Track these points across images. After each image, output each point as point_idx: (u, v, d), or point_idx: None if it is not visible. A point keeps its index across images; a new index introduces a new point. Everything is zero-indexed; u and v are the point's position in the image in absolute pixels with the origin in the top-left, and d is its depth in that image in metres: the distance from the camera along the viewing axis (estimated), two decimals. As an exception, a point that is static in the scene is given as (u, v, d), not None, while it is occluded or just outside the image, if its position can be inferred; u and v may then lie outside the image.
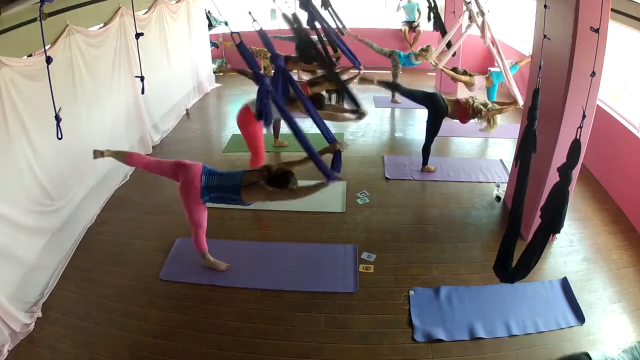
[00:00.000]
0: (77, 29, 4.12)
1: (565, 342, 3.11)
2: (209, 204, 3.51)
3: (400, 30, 9.39)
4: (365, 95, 8.04)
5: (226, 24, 3.59)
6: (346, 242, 4.16)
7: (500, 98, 6.56)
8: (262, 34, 2.95)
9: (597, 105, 4.10)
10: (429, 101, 5.09)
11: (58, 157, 3.92)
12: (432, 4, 6.67)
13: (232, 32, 2.75)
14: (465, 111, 5.03)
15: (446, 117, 5.12)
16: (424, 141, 5.28)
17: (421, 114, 7.28)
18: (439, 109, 5.02)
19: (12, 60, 3.24)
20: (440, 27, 6.77)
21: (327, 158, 3.40)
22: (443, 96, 5.14)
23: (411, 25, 9.25)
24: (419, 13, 9.15)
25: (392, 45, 9.47)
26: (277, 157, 5.79)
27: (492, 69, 6.94)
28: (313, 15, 4.25)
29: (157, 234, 4.32)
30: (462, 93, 7.49)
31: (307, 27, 4.18)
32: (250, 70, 3.11)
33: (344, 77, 5.17)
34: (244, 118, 4.66)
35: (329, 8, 5.19)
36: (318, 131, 3.47)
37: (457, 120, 5.22)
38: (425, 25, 8.34)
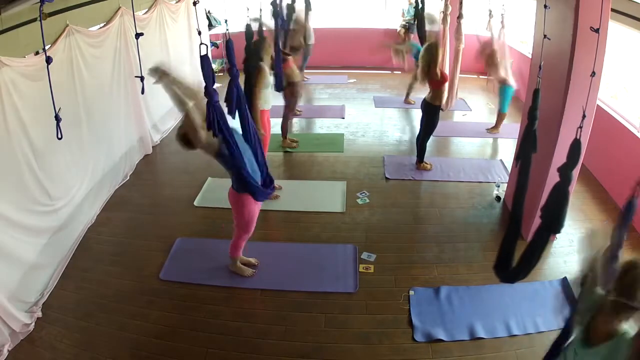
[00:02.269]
0: (77, 29, 4.12)
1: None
2: None
3: (397, 30, 9.38)
4: (365, 95, 8.06)
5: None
6: (346, 242, 4.15)
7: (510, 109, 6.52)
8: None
9: (597, 105, 4.09)
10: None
11: (58, 157, 3.92)
12: (420, 6, 6.61)
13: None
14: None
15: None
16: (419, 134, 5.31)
17: (420, 113, 7.30)
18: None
19: (12, 60, 3.24)
20: (421, 34, 6.67)
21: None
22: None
23: (408, 28, 9.23)
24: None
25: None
26: (286, 157, 5.81)
27: None
28: None
29: (157, 234, 4.32)
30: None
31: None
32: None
33: None
34: None
35: None
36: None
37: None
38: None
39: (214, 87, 2.80)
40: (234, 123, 3.21)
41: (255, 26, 4.72)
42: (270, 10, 4.88)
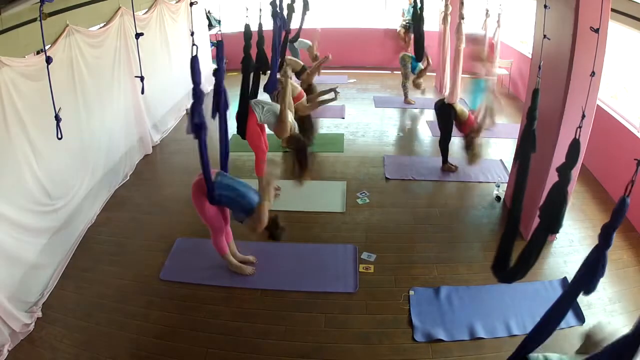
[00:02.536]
0: (77, 29, 4.12)
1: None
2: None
3: (397, 30, 9.39)
4: (365, 95, 8.06)
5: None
6: (346, 242, 4.16)
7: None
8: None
9: (597, 105, 4.09)
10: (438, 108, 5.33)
11: (58, 157, 3.92)
12: (419, 6, 6.58)
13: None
14: (466, 129, 5.08)
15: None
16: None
17: (419, 114, 7.30)
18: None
19: (12, 60, 3.24)
20: (417, 33, 6.62)
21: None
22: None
23: (408, 28, 9.23)
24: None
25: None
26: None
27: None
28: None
29: (157, 234, 4.32)
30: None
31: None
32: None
33: None
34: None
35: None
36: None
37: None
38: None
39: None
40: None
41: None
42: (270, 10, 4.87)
